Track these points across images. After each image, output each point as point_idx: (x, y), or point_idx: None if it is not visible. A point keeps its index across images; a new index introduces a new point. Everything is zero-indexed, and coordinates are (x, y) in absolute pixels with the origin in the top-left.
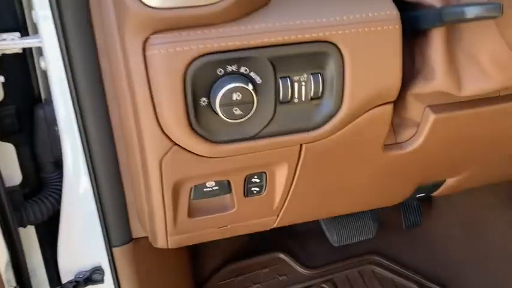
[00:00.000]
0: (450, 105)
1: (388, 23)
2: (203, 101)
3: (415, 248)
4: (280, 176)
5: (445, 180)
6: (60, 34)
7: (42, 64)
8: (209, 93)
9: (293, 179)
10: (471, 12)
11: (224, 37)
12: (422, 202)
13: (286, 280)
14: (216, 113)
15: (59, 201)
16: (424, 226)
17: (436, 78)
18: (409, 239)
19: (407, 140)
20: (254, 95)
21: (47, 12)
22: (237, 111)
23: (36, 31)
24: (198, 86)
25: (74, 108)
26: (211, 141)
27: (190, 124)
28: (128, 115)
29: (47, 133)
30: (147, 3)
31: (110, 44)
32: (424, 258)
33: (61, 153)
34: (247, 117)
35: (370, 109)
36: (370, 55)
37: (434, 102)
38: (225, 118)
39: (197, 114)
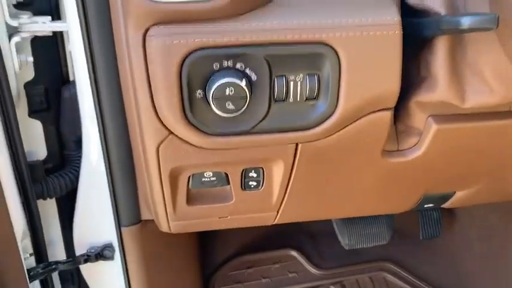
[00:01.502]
0: (454, 117)
1: (388, 28)
2: (199, 93)
3: (431, 259)
4: (277, 173)
5: (454, 193)
6: (82, 21)
7: (69, 47)
8: (205, 86)
9: (290, 178)
10: (466, 22)
11: (219, 33)
12: (443, 214)
13: (295, 277)
14: (210, 106)
15: (78, 178)
16: (443, 238)
17: (439, 88)
18: (426, 250)
19: (409, 148)
20: (247, 91)
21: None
22: (230, 106)
23: None
24: (195, 79)
25: (92, 91)
26: (206, 133)
27: (185, 115)
28: (130, 103)
29: (71, 113)
30: None
31: (117, 36)
32: (439, 271)
33: None
34: (239, 112)
35: (368, 114)
36: (368, 60)
37: (437, 112)
38: (218, 111)
39: (192, 105)
